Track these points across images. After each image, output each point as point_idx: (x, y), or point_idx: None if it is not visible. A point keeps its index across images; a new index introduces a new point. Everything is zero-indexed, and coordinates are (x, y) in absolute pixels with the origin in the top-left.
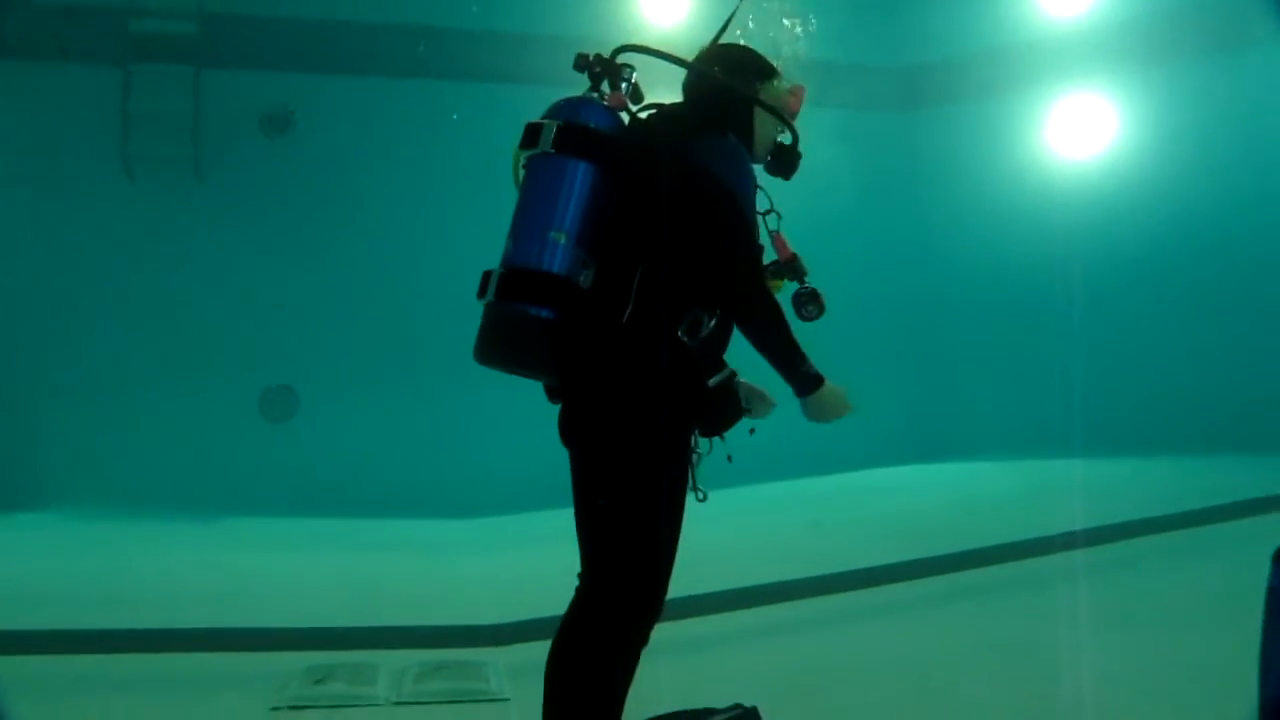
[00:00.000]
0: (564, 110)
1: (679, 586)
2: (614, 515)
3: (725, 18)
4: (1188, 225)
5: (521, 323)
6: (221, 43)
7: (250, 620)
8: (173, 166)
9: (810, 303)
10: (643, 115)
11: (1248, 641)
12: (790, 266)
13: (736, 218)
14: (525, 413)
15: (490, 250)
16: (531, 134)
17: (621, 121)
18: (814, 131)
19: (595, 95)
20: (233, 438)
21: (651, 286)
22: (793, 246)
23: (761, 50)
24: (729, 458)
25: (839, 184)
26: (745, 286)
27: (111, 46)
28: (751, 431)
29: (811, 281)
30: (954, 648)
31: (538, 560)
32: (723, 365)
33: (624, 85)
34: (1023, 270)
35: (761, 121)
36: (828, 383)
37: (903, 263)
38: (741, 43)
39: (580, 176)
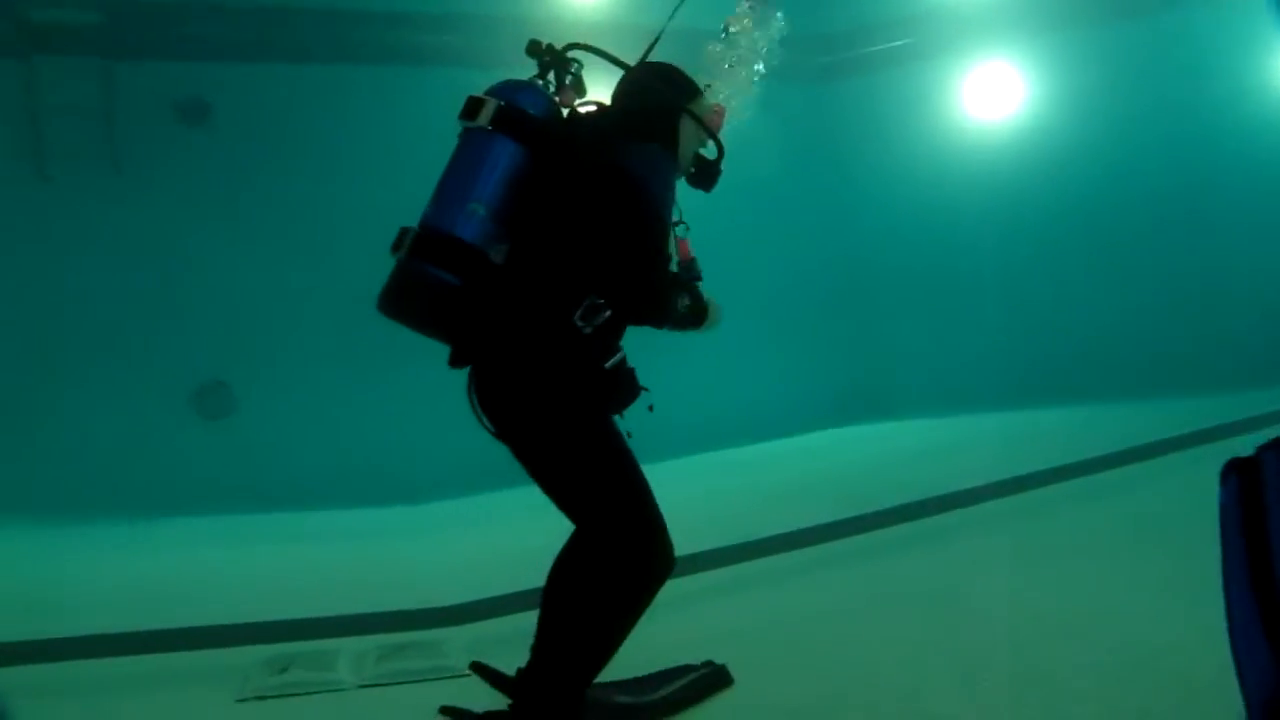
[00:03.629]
0: (507, 91)
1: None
2: (569, 488)
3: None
4: (1101, 184)
5: (426, 283)
6: (130, 32)
7: (206, 618)
8: (88, 160)
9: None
10: (582, 111)
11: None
12: (686, 268)
13: (652, 221)
14: (462, 397)
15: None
16: (472, 107)
17: (559, 112)
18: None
19: (540, 82)
20: (168, 437)
21: (556, 271)
22: (693, 245)
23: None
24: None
25: (762, 154)
26: (652, 286)
27: (11, 37)
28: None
29: (734, 255)
30: (892, 594)
31: (484, 541)
32: (616, 349)
33: (568, 78)
34: (945, 232)
35: (686, 135)
36: (708, 309)
37: (828, 229)
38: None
39: (509, 156)
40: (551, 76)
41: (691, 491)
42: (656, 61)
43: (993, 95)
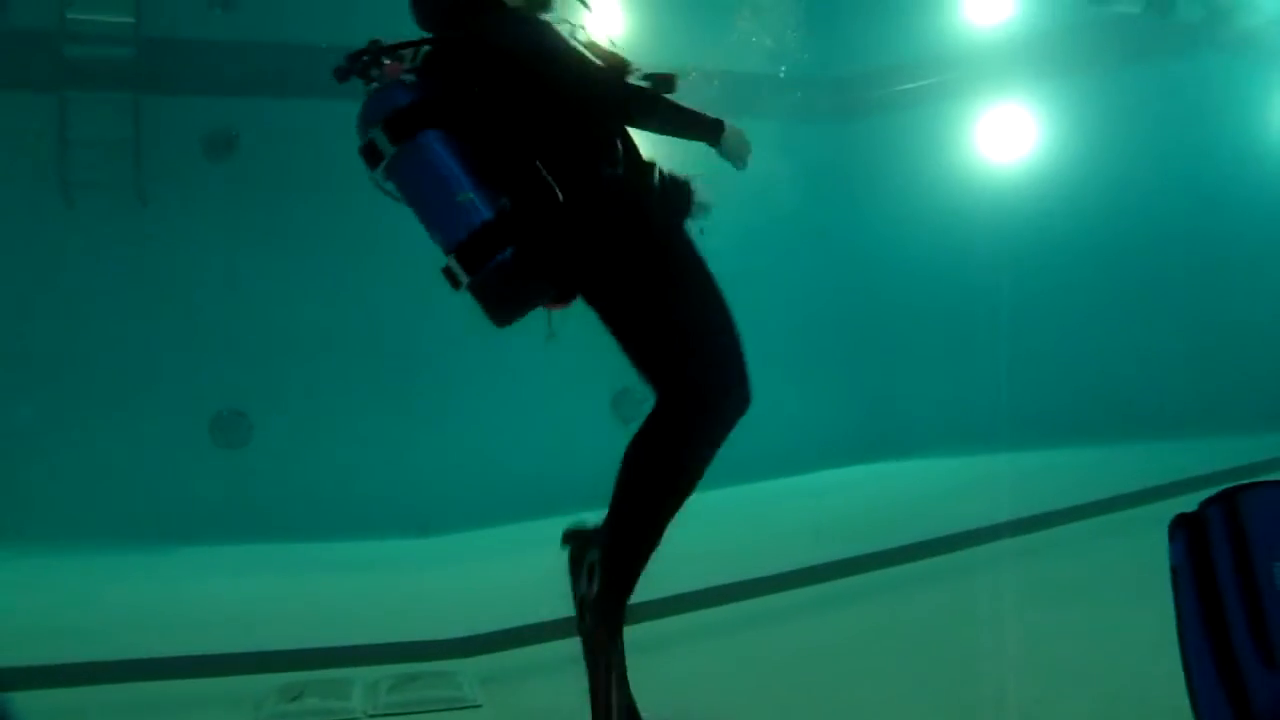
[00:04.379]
0: (373, 114)
1: (645, 590)
2: (652, 328)
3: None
4: (1115, 225)
5: (502, 275)
6: (160, 67)
7: (219, 645)
8: (113, 192)
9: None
10: (425, 62)
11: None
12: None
13: (552, 60)
14: (479, 431)
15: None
16: (370, 153)
17: (413, 83)
18: (752, 143)
19: (375, 84)
20: (185, 465)
21: (555, 163)
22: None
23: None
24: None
25: (777, 194)
26: (610, 101)
27: (46, 73)
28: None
29: (750, 291)
30: (895, 633)
31: (498, 573)
32: (649, 163)
33: (384, 61)
34: (961, 271)
35: None
36: (726, 123)
37: (844, 267)
38: None
39: (438, 144)
40: (374, 72)
41: (701, 527)
42: None
43: (1007, 137)
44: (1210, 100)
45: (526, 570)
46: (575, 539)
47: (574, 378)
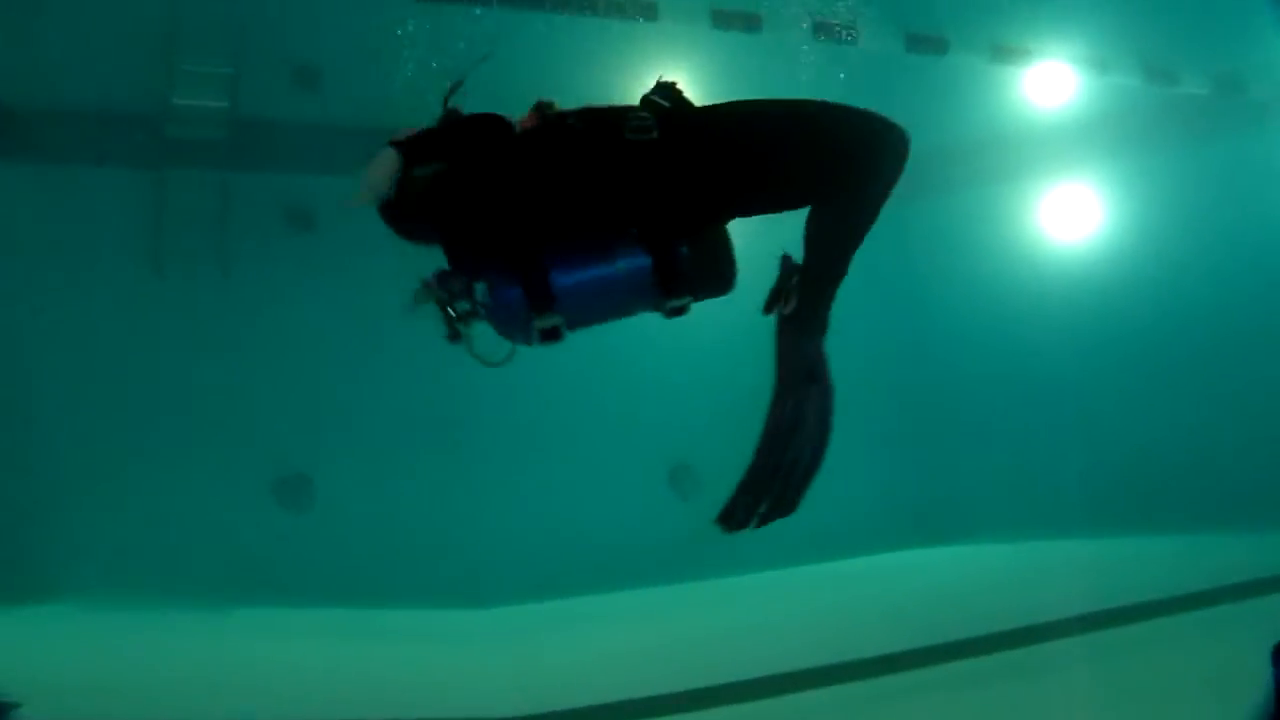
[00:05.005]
0: (518, 323)
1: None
2: (793, 180)
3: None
4: (1177, 307)
5: (703, 267)
6: (249, 146)
7: (274, 711)
8: (200, 263)
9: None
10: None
11: None
12: None
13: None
14: (537, 504)
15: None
16: (552, 335)
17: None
18: None
19: (478, 307)
20: (249, 526)
21: (616, 181)
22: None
23: None
24: None
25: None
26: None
27: (145, 151)
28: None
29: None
30: None
31: (553, 650)
32: (651, 103)
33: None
34: (1019, 353)
35: None
36: None
37: (902, 349)
38: None
39: (561, 275)
40: (463, 306)
41: (750, 613)
42: None
43: (1072, 216)
44: (1277, 179)
45: (582, 648)
46: (785, 265)
47: (632, 452)
